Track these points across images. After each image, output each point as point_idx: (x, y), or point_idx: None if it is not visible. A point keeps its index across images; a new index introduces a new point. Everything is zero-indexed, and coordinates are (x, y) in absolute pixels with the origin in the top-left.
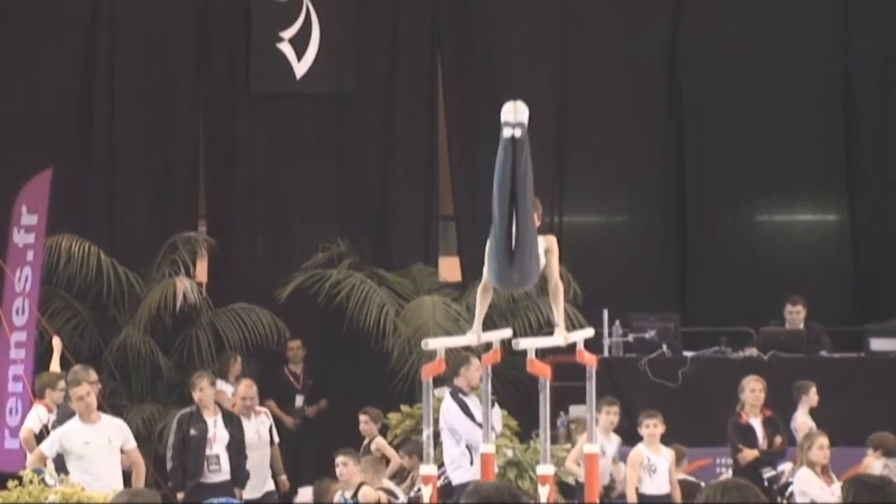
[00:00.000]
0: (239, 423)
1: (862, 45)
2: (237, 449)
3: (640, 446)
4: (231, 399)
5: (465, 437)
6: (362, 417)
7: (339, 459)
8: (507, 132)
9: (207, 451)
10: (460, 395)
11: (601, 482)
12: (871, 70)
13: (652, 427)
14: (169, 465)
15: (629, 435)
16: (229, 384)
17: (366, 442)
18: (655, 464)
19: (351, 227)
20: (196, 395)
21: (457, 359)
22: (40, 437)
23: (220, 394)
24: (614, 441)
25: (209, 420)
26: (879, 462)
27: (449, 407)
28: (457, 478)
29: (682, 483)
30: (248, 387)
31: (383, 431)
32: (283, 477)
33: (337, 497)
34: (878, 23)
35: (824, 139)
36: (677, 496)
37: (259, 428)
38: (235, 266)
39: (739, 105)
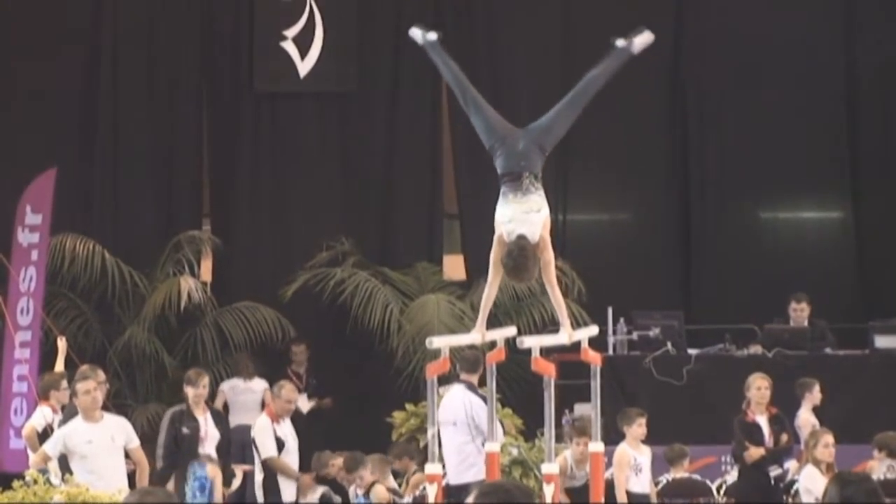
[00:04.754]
0: (227, 423)
1: (866, 43)
2: (226, 448)
3: (625, 446)
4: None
5: (482, 430)
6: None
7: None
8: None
9: (199, 450)
10: (479, 392)
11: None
12: (874, 67)
13: (644, 426)
14: (160, 463)
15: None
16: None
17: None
18: (641, 463)
19: (355, 226)
20: (197, 392)
21: (471, 356)
22: (44, 436)
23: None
24: (646, 452)
25: (200, 418)
26: (884, 463)
27: (473, 402)
28: (471, 476)
29: (689, 482)
30: (292, 390)
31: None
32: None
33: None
34: (882, 21)
35: (828, 136)
36: (654, 495)
37: (293, 430)
38: (240, 265)
39: (743, 102)
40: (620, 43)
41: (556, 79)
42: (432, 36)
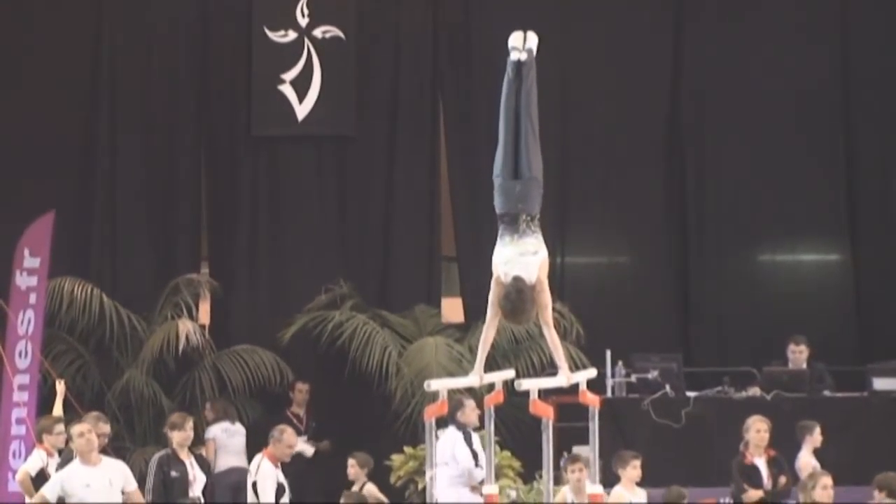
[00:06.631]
0: (209, 467)
1: (864, 87)
2: (210, 492)
3: (620, 489)
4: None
5: (462, 465)
6: (350, 461)
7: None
8: (514, 55)
9: (189, 493)
10: (466, 429)
11: None
12: (873, 110)
13: (639, 468)
14: None
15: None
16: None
17: (355, 487)
18: None
19: (353, 269)
20: (185, 435)
21: (451, 402)
22: (38, 479)
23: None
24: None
25: (186, 462)
26: None
27: (454, 436)
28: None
29: None
30: (293, 435)
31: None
32: None
33: None
34: (879, 68)
35: (826, 178)
36: None
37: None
38: (238, 308)
39: (741, 144)
40: (516, 56)
41: (554, 123)
42: (524, 56)
